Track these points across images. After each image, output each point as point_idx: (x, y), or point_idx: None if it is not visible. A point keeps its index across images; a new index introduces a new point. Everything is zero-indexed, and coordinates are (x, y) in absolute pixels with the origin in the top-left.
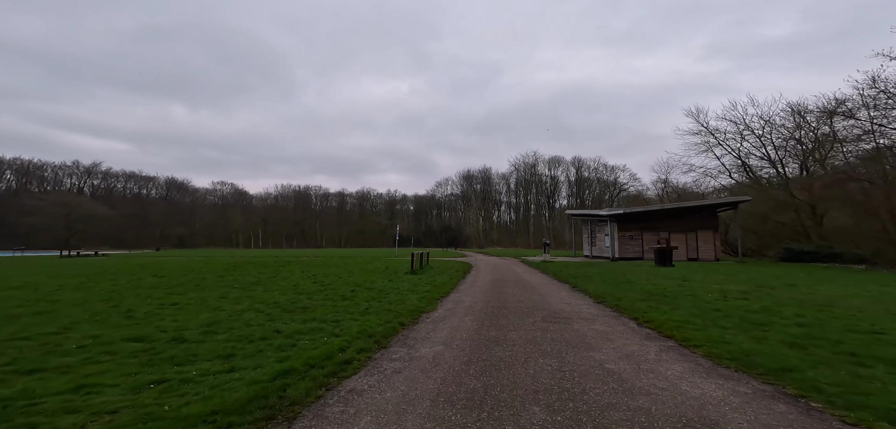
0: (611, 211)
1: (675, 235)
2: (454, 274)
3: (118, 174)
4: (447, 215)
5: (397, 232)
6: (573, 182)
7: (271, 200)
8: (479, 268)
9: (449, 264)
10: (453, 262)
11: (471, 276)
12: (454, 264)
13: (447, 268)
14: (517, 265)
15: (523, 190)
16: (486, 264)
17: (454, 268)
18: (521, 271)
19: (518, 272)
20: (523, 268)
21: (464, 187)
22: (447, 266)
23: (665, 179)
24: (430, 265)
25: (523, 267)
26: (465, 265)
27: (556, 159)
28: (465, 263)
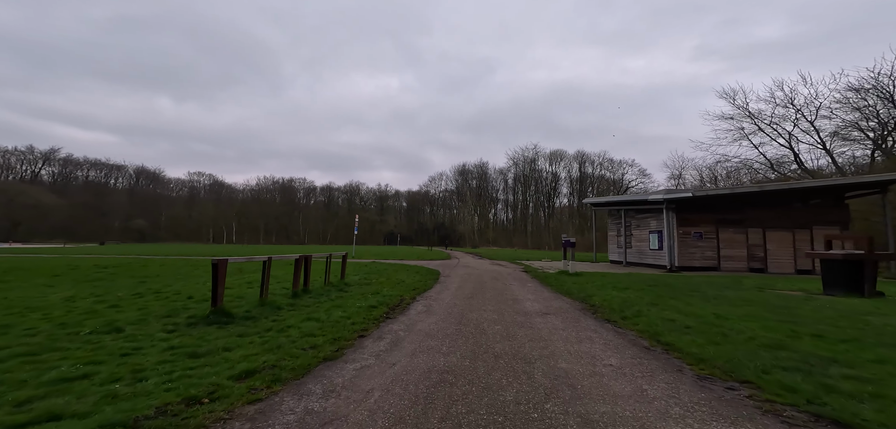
0: (668, 194)
1: (772, 231)
2: (357, 317)
3: (79, 162)
4: (441, 213)
5: (356, 225)
6: (575, 179)
7: (250, 194)
8: (448, 287)
9: (392, 280)
10: (420, 268)
11: (404, 319)
12: (408, 281)
13: (380, 288)
14: (519, 281)
15: (522, 187)
16: (468, 278)
17: (394, 287)
18: (530, 303)
19: (526, 308)
20: (533, 292)
21: (458, 183)
22: (389, 281)
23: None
24: (343, 284)
25: (531, 287)
26: (426, 280)
27: (558, 154)
28: (435, 270)
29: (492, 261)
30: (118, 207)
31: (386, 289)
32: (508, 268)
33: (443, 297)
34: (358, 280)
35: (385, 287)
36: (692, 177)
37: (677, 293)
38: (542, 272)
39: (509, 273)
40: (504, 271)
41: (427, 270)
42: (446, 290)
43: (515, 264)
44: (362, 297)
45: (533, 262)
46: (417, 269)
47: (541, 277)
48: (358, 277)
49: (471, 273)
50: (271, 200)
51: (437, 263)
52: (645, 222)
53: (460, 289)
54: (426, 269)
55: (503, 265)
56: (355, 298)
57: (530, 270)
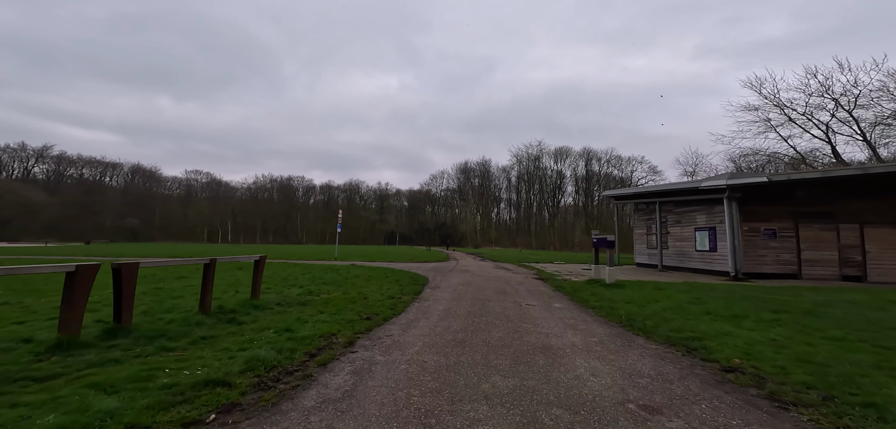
0: (732, 179)
1: (873, 228)
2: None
3: (72, 159)
4: (443, 212)
5: (339, 222)
6: (581, 177)
7: (248, 192)
8: (429, 310)
9: (348, 296)
10: (405, 273)
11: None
12: (372, 297)
13: (308, 316)
14: (538, 298)
15: (526, 185)
16: (465, 291)
17: (336, 314)
18: (581, 359)
19: (584, 379)
20: (569, 323)
21: (461, 181)
22: (340, 300)
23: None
24: (252, 308)
25: (563, 312)
26: (403, 294)
27: (564, 151)
28: (424, 276)
29: (496, 263)
30: (111, 205)
31: (316, 319)
32: (517, 273)
33: (408, 338)
34: (290, 298)
35: (323, 313)
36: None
37: (820, 321)
38: (566, 282)
39: (520, 282)
40: (513, 279)
41: (413, 276)
42: (424, 317)
43: (525, 268)
44: (244, 341)
45: (545, 265)
46: (401, 275)
47: (567, 289)
48: (296, 292)
49: (469, 282)
50: (269, 199)
51: (431, 266)
52: (688, 217)
53: (448, 315)
54: (412, 275)
55: (510, 270)
56: (229, 341)
57: (548, 278)
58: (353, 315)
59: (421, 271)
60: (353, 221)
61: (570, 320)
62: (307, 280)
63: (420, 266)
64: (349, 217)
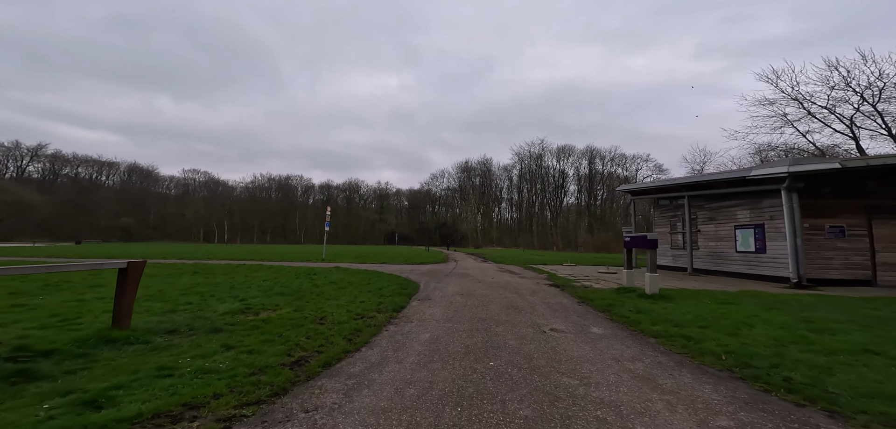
0: (795, 165)
1: None
2: None
3: (68, 158)
4: (443, 211)
5: (327, 219)
6: (584, 176)
7: (246, 192)
8: (407, 342)
9: (303, 314)
10: (395, 278)
11: None
12: (335, 315)
13: (203, 356)
14: (564, 316)
15: (527, 184)
16: (463, 304)
17: (258, 347)
18: None
19: None
20: (641, 375)
21: (461, 180)
22: (278, 326)
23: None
24: (90, 350)
25: (611, 347)
26: (382, 309)
27: (567, 149)
28: (415, 282)
29: (499, 266)
30: (105, 204)
31: (190, 371)
32: (526, 278)
33: (345, 423)
34: (202, 322)
35: (223, 354)
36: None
37: None
38: (590, 291)
39: (533, 290)
40: (523, 286)
41: (402, 282)
42: (394, 358)
43: (533, 272)
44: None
45: (555, 268)
46: (387, 281)
47: (597, 302)
48: (223, 310)
49: (469, 291)
50: (267, 199)
51: (427, 269)
52: (726, 213)
53: (434, 353)
54: (401, 281)
55: (517, 273)
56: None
57: (564, 284)
58: (274, 357)
59: (413, 276)
60: (352, 221)
61: (634, 365)
62: (260, 289)
63: (414, 269)
64: (348, 217)
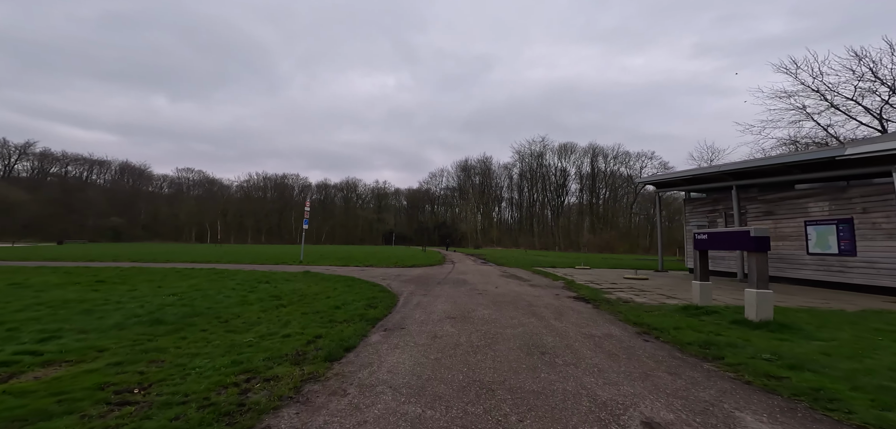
0: None
1: None
2: None
3: (57, 156)
4: (443, 211)
5: (306, 215)
6: (586, 175)
7: (241, 191)
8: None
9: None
10: (368, 287)
11: None
12: (216, 378)
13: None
14: (689, 414)
15: (528, 183)
16: (451, 350)
17: None
18: None
19: None
20: None
21: (461, 179)
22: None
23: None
24: None
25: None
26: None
27: (568, 147)
28: (395, 294)
29: (502, 269)
30: (93, 203)
31: None
32: (538, 287)
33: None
34: None
35: None
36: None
37: None
38: (644, 313)
39: (558, 309)
40: (539, 301)
41: (375, 295)
42: None
43: (544, 277)
44: None
45: (568, 271)
46: (356, 294)
47: (678, 336)
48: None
49: (467, 312)
50: (262, 198)
51: (417, 273)
52: (792, 206)
53: None
54: (375, 292)
55: (525, 280)
56: None
57: (595, 298)
58: None
59: (396, 283)
60: (349, 221)
61: None
62: (125, 314)
63: (402, 273)
64: (346, 217)
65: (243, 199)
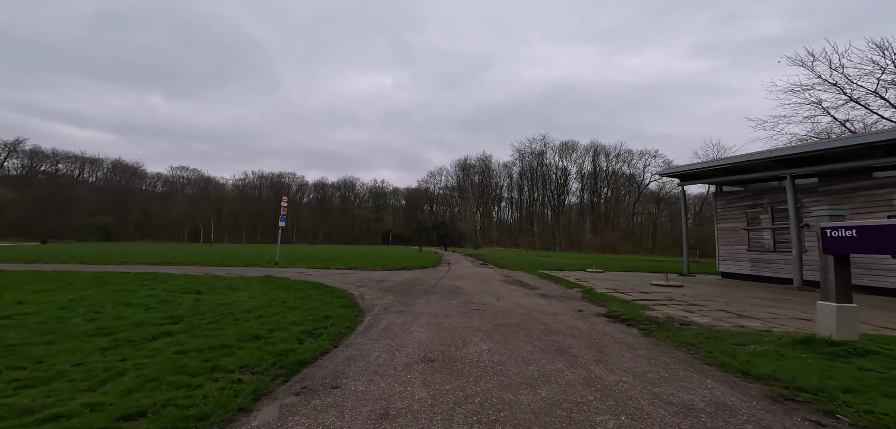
0: None
1: None
2: None
3: (47, 154)
4: (442, 210)
5: (283, 212)
6: (587, 174)
7: (236, 190)
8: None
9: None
10: (334, 297)
11: None
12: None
13: None
14: None
15: (528, 182)
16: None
17: None
18: None
19: None
20: None
21: (460, 178)
22: None
23: None
24: None
25: None
26: None
27: (569, 145)
28: (358, 304)
29: (504, 273)
30: (83, 202)
31: None
32: (550, 298)
33: None
34: None
35: None
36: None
37: None
38: (739, 350)
39: (585, 335)
40: (560, 325)
41: (332, 313)
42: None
43: (553, 283)
44: None
45: (583, 276)
46: (308, 312)
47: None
48: None
49: (453, 350)
50: (257, 197)
51: (403, 279)
52: (872, 197)
53: None
54: (340, 306)
55: (533, 287)
56: None
57: (637, 318)
58: None
59: (372, 293)
60: (347, 221)
61: None
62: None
63: (386, 278)
64: (343, 216)
65: (238, 198)
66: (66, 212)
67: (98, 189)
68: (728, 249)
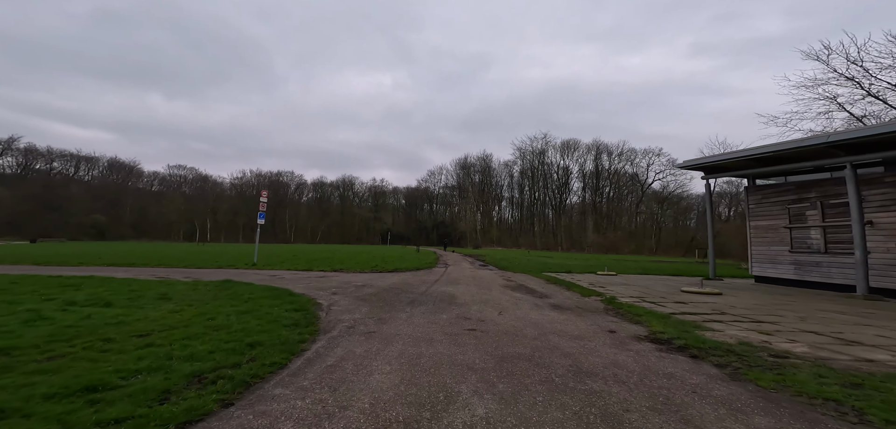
0: None
1: None
2: None
3: (42, 152)
4: (441, 210)
5: (262, 209)
6: (588, 174)
7: (234, 189)
8: None
9: None
10: (245, 307)
11: None
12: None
13: None
14: None
15: (529, 182)
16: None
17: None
18: None
19: None
20: None
21: (460, 177)
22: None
23: None
24: None
25: None
26: None
27: (571, 144)
28: (312, 330)
29: (506, 276)
30: (77, 201)
31: None
32: (571, 313)
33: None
34: None
35: None
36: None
37: None
38: None
39: (641, 377)
40: (596, 358)
41: (274, 337)
42: None
43: (565, 289)
44: None
45: (592, 279)
46: (230, 332)
47: None
48: None
49: None
50: (254, 196)
51: (390, 283)
52: None
53: None
54: (285, 328)
55: (544, 295)
56: None
57: (706, 349)
58: None
59: (344, 303)
60: (346, 220)
61: None
62: None
63: (370, 282)
64: (342, 215)
65: (236, 197)
66: (58, 210)
67: (93, 188)
68: (763, 250)
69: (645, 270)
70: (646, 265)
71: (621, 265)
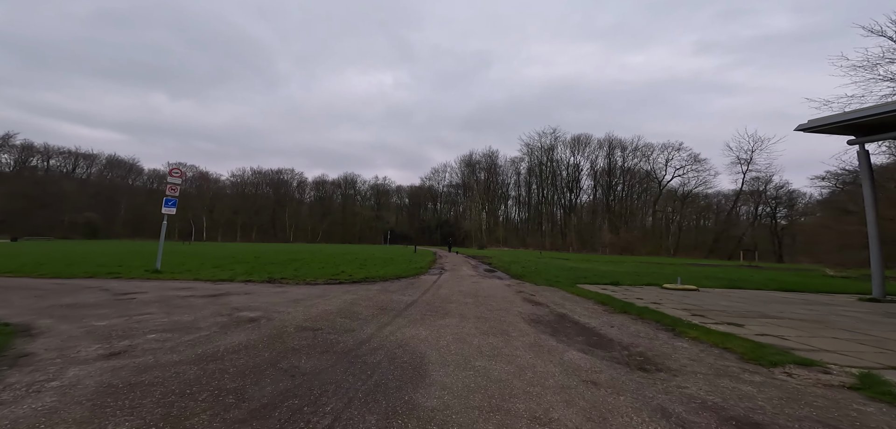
0: None
1: None
2: None
3: (39, 149)
4: (446, 209)
5: (169, 196)
6: (600, 171)
7: (233, 187)
8: None
9: None
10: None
11: None
12: None
13: None
14: None
15: (537, 179)
16: None
17: None
18: None
19: None
20: None
21: (465, 174)
22: None
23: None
24: None
25: None
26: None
27: (582, 139)
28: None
29: (521, 289)
30: (70, 198)
31: None
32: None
33: None
34: None
35: None
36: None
37: None
38: None
39: None
40: None
41: None
42: None
43: (638, 319)
44: None
45: (681, 303)
46: None
47: None
48: None
49: None
50: (254, 195)
51: (327, 308)
52: None
53: None
54: None
55: (680, 389)
56: None
57: None
58: None
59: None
60: (347, 219)
61: None
62: None
63: (327, 297)
64: (343, 214)
65: (236, 195)
66: (50, 208)
67: (88, 185)
68: None
69: (732, 284)
70: (722, 274)
71: (681, 273)
